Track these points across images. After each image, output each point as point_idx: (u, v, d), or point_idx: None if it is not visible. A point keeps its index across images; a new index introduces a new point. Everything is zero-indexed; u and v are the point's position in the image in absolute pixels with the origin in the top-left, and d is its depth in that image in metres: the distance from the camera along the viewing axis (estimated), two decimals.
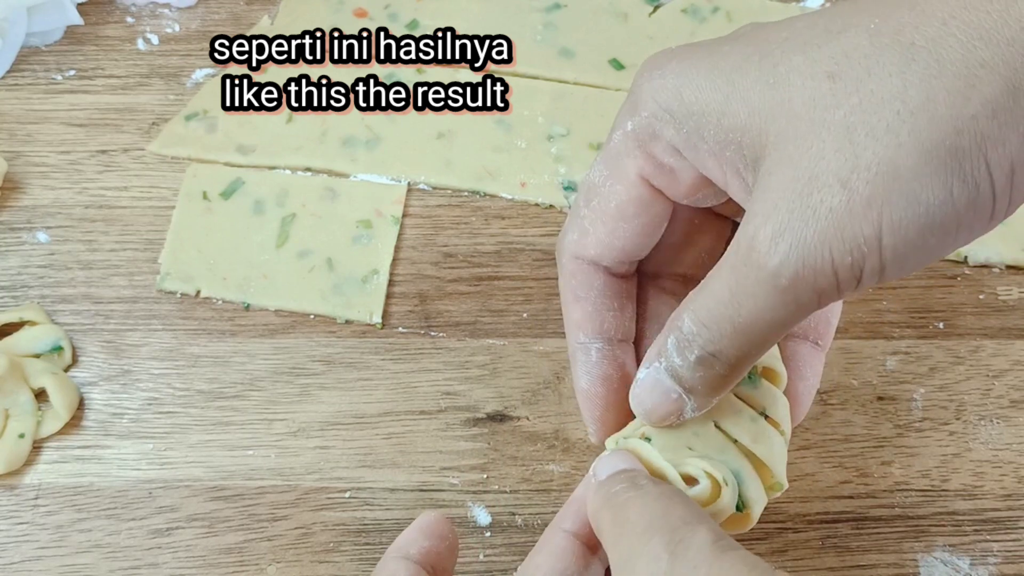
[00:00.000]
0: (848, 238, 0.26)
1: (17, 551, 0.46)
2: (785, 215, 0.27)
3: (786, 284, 0.27)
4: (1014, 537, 0.46)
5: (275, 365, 0.51)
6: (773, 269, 0.27)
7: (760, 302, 0.28)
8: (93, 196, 0.56)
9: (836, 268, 0.27)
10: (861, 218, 0.26)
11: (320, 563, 0.45)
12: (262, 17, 0.63)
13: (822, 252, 0.27)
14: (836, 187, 0.26)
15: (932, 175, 0.25)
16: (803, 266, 0.27)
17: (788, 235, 0.27)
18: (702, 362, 0.30)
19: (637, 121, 0.32)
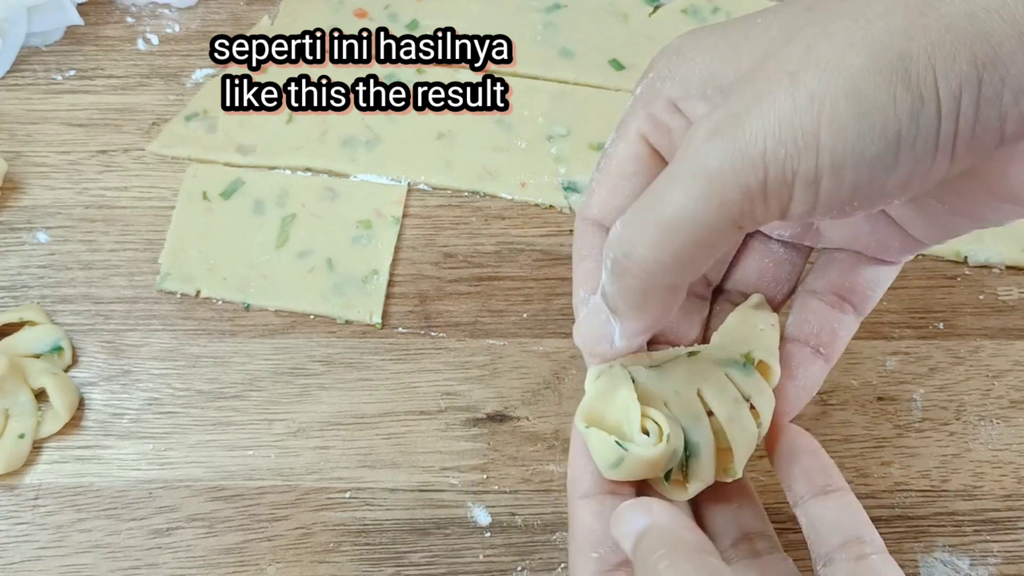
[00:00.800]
0: (786, 128, 0.26)
1: (17, 551, 0.46)
2: (733, 106, 0.27)
3: (713, 170, 0.27)
4: (1014, 538, 0.46)
5: (275, 365, 0.51)
6: (704, 154, 0.27)
7: (685, 191, 0.27)
8: (93, 196, 0.56)
9: (767, 161, 0.26)
10: (803, 110, 0.26)
11: (320, 563, 0.45)
12: (262, 17, 0.63)
13: (756, 141, 0.26)
14: (785, 81, 0.26)
15: (878, 75, 0.25)
16: (734, 152, 0.26)
17: (729, 125, 0.26)
18: (616, 267, 0.30)
19: (644, 84, 0.33)
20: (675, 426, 0.33)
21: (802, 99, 0.26)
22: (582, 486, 0.34)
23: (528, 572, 0.45)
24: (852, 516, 0.34)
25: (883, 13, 0.25)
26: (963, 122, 0.25)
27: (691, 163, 0.27)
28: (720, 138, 0.27)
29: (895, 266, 0.37)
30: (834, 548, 0.34)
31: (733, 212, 0.27)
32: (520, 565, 0.45)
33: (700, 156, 0.27)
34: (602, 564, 0.33)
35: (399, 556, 0.46)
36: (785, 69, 0.26)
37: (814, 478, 0.35)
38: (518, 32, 0.62)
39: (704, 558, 0.29)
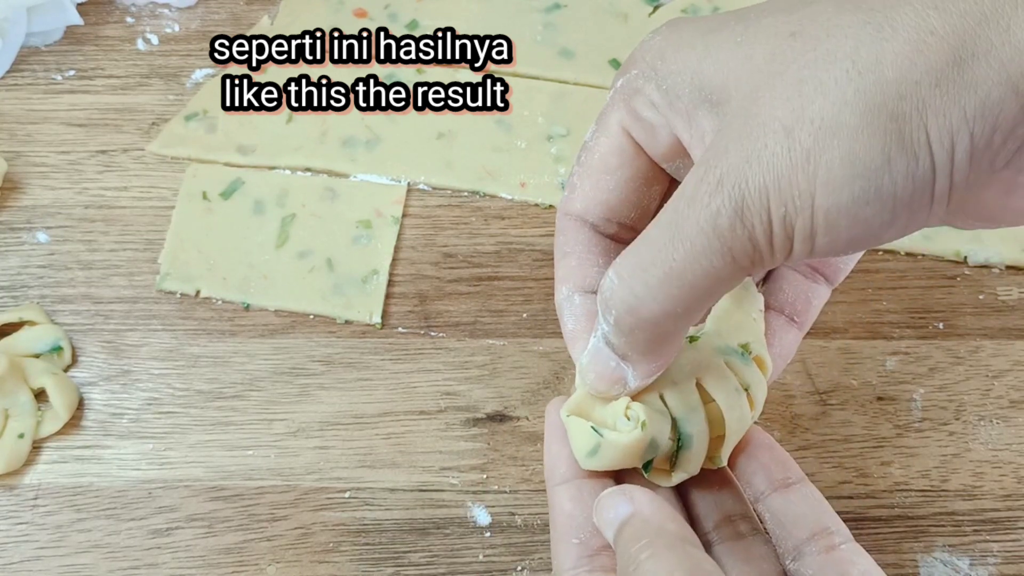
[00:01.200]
0: (784, 187, 0.26)
1: (17, 551, 0.46)
2: (733, 158, 0.27)
3: (725, 224, 0.27)
4: (1013, 537, 0.46)
5: (275, 365, 0.51)
6: (714, 210, 0.27)
7: (696, 246, 0.27)
8: (93, 196, 0.56)
9: (771, 219, 0.26)
10: (799, 169, 0.26)
11: (320, 563, 0.45)
12: (262, 17, 0.63)
13: (760, 198, 0.26)
14: (781, 134, 0.26)
15: (872, 136, 0.25)
16: (743, 208, 0.26)
17: (732, 176, 0.27)
18: (620, 323, 0.30)
19: (626, 79, 0.33)
20: (659, 418, 0.33)
21: (798, 157, 0.26)
22: (559, 472, 0.34)
23: (528, 572, 0.45)
24: (816, 507, 0.34)
25: (873, 65, 0.25)
26: (958, 175, 0.26)
27: (700, 211, 0.27)
28: (728, 185, 0.27)
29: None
30: (802, 541, 0.34)
31: (744, 265, 0.28)
32: (520, 565, 0.45)
33: (711, 208, 0.27)
34: (584, 549, 0.33)
35: (399, 556, 0.46)
36: (780, 121, 0.26)
37: (773, 472, 0.35)
38: (518, 32, 0.62)
39: (686, 549, 0.29)
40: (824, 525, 0.34)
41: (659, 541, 0.29)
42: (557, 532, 0.33)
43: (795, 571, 0.34)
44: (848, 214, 0.26)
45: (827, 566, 0.33)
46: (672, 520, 0.31)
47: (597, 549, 0.33)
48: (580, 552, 0.33)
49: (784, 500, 0.34)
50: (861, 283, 0.53)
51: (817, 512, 0.34)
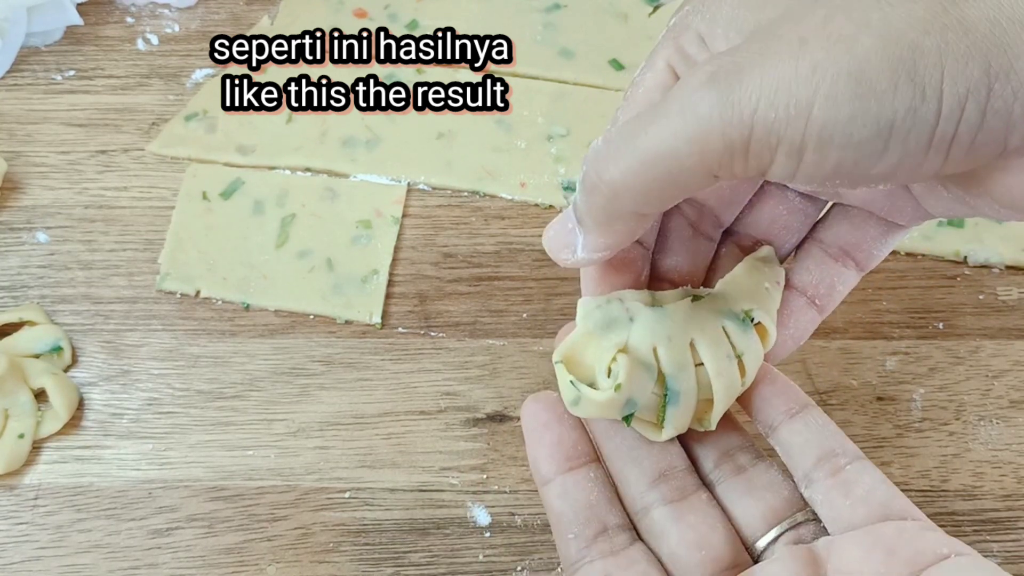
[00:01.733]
0: (781, 93, 0.26)
1: (17, 551, 0.46)
2: (737, 56, 0.27)
3: (702, 116, 0.26)
4: (1013, 537, 0.46)
5: (275, 365, 0.51)
6: (696, 97, 0.27)
7: (670, 129, 0.27)
8: (93, 196, 0.56)
9: (755, 121, 0.26)
10: (803, 80, 0.25)
11: (320, 563, 0.45)
12: (262, 17, 0.63)
13: (750, 99, 0.26)
14: (794, 44, 0.26)
15: (884, 61, 0.25)
16: (725, 104, 0.26)
17: (728, 69, 0.26)
18: (587, 182, 0.30)
19: (678, 17, 0.32)
20: (641, 374, 0.33)
21: (804, 68, 0.25)
22: (541, 472, 0.34)
23: (528, 572, 0.45)
24: (821, 431, 0.34)
25: (905, 1, 0.25)
26: (964, 128, 0.25)
27: (681, 103, 0.27)
28: (715, 86, 0.26)
29: (905, 229, 0.36)
30: (810, 468, 0.34)
31: (711, 162, 0.27)
32: (520, 565, 0.45)
33: (692, 98, 0.27)
34: (580, 542, 0.33)
35: (399, 556, 0.46)
36: (797, 33, 0.26)
37: (776, 403, 0.35)
38: (518, 32, 0.62)
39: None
40: (829, 448, 0.34)
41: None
42: (555, 531, 0.34)
43: (809, 497, 0.34)
44: (842, 132, 0.25)
45: (833, 489, 0.33)
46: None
47: (592, 538, 0.33)
48: (578, 545, 0.33)
49: (789, 430, 0.34)
50: (861, 283, 0.53)
51: (822, 436, 0.34)
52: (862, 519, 0.32)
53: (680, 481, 0.35)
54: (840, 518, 0.33)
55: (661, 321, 0.33)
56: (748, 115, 0.26)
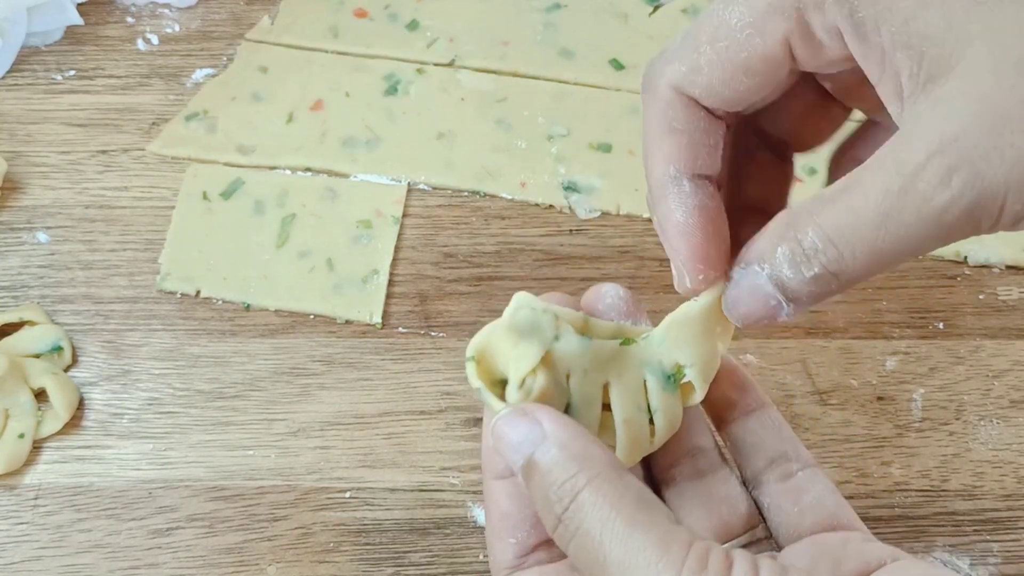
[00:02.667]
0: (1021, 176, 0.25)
1: (17, 551, 0.46)
2: (966, 151, 0.25)
3: (951, 221, 0.26)
4: (1014, 537, 0.46)
5: (275, 365, 0.51)
6: (942, 205, 0.26)
7: (913, 232, 0.27)
8: (93, 196, 0.56)
9: (1003, 212, 0.26)
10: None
11: (320, 563, 0.45)
12: (262, 17, 0.63)
13: (998, 196, 0.25)
14: (1018, 122, 0.25)
15: None
16: (976, 206, 0.26)
17: (966, 172, 0.25)
18: (819, 279, 0.29)
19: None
20: (556, 393, 0.31)
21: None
22: (497, 467, 0.32)
23: None
24: (775, 433, 0.34)
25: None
26: None
27: (924, 203, 0.26)
28: (960, 182, 0.25)
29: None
30: (760, 470, 0.33)
31: (957, 240, 0.27)
32: None
33: (937, 203, 0.26)
34: (520, 548, 0.32)
35: (399, 556, 0.46)
36: (1005, 107, 0.25)
37: (732, 398, 0.34)
38: (518, 32, 0.62)
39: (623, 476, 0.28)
40: (782, 451, 0.33)
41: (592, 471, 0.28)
42: (493, 528, 0.32)
43: (756, 498, 0.33)
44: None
45: (782, 494, 0.33)
46: (597, 444, 0.29)
47: (532, 547, 0.32)
48: (517, 552, 0.32)
49: (743, 427, 0.34)
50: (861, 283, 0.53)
51: (776, 439, 0.33)
52: (809, 527, 0.32)
53: None
54: (786, 524, 0.33)
55: (583, 352, 0.31)
56: (997, 208, 0.26)
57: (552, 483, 0.28)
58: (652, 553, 0.26)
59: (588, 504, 0.27)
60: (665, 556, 0.26)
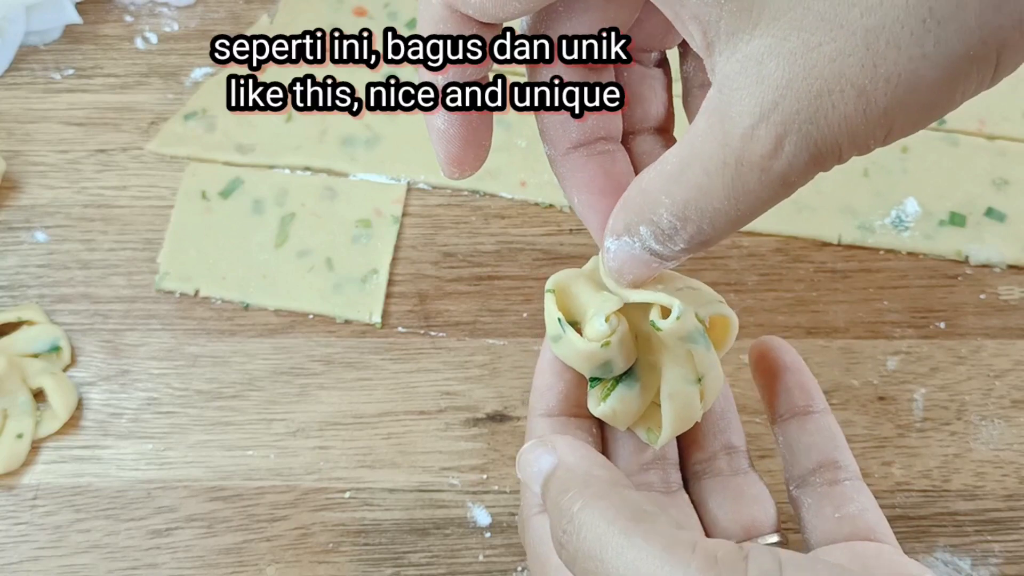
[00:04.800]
0: (860, 143, 0.25)
1: (15, 551, 0.46)
2: (790, 117, 0.25)
3: (795, 179, 0.26)
4: (1015, 537, 0.46)
5: (274, 365, 0.51)
6: (780, 171, 0.26)
7: (764, 194, 0.27)
8: (92, 195, 0.56)
9: (843, 155, 0.26)
10: (875, 126, 0.25)
11: (319, 563, 0.45)
12: (261, 16, 0.63)
13: (833, 151, 0.26)
14: (851, 95, 0.25)
15: (950, 83, 0.25)
16: (812, 164, 0.26)
17: (795, 137, 0.25)
18: (689, 248, 0.29)
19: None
20: (628, 344, 0.32)
21: (874, 116, 0.25)
22: (547, 403, 0.34)
23: (528, 572, 0.45)
24: (830, 440, 0.34)
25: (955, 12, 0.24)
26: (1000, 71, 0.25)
27: (763, 172, 0.26)
28: (792, 146, 0.26)
29: None
30: (808, 471, 0.34)
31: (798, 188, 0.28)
32: (520, 565, 0.45)
33: (776, 170, 0.26)
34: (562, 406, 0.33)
35: (399, 556, 0.46)
36: (849, 80, 0.25)
37: (795, 398, 0.35)
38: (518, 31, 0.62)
39: (620, 492, 0.29)
40: (833, 459, 0.34)
41: (589, 489, 0.29)
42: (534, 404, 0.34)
43: (796, 497, 0.34)
44: (911, 132, 0.26)
45: (826, 498, 0.33)
46: (600, 466, 0.30)
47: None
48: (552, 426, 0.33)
49: (799, 427, 0.34)
50: (862, 283, 0.53)
51: (830, 445, 0.34)
52: (845, 535, 0.33)
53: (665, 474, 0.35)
54: (822, 527, 0.33)
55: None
56: (834, 160, 0.26)
57: (554, 506, 0.29)
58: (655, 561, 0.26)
59: (585, 524, 0.28)
60: (669, 560, 0.26)
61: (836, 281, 0.53)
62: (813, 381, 0.35)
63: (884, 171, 0.57)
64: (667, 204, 0.28)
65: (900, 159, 0.57)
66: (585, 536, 0.28)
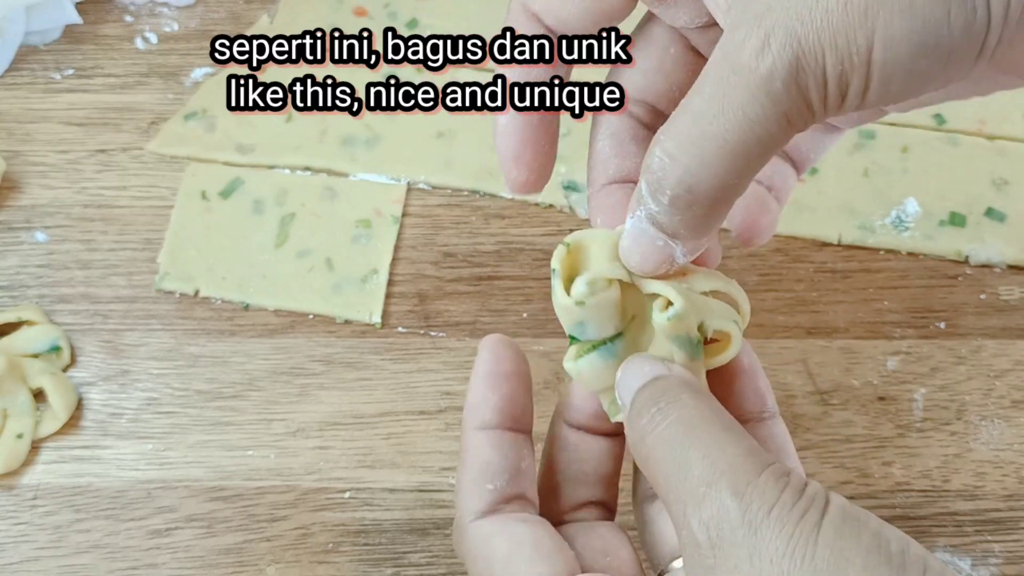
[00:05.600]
0: (841, 45, 0.25)
1: (15, 552, 0.46)
2: (780, 15, 0.25)
3: (780, 88, 0.26)
4: (1015, 538, 0.46)
5: (274, 365, 0.51)
6: (765, 73, 0.26)
7: (750, 115, 0.26)
8: (92, 195, 0.56)
9: (827, 77, 0.26)
10: (857, 26, 0.25)
11: (319, 564, 0.45)
12: (261, 16, 0.63)
13: (816, 55, 0.25)
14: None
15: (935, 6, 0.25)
16: (797, 69, 0.26)
17: (781, 34, 0.25)
18: (676, 203, 0.28)
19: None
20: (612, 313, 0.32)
21: (855, 12, 0.25)
22: (484, 416, 0.33)
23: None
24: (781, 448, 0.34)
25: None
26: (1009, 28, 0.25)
27: (750, 75, 0.26)
28: (777, 44, 0.26)
29: (842, 132, 0.36)
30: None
31: (797, 124, 0.27)
32: None
33: (761, 72, 0.26)
34: (498, 496, 0.32)
35: (399, 556, 0.46)
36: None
37: (749, 403, 0.34)
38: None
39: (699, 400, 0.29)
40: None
41: (697, 391, 0.29)
42: (469, 476, 0.32)
43: None
44: (904, 68, 0.25)
45: None
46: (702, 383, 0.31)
47: (509, 497, 0.32)
48: (494, 499, 0.32)
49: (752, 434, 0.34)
50: (862, 283, 0.53)
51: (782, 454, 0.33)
52: None
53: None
54: None
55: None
56: (820, 73, 0.26)
57: (660, 395, 0.29)
58: (737, 457, 0.27)
59: (690, 403, 0.28)
60: (748, 460, 0.27)
61: (836, 281, 0.53)
62: (767, 383, 0.35)
63: (884, 171, 0.57)
64: (660, 142, 0.28)
65: (900, 159, 0.57)
66: (686, 409, 0.28)
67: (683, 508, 0.27)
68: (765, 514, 0.25)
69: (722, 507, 0.26)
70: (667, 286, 0.31)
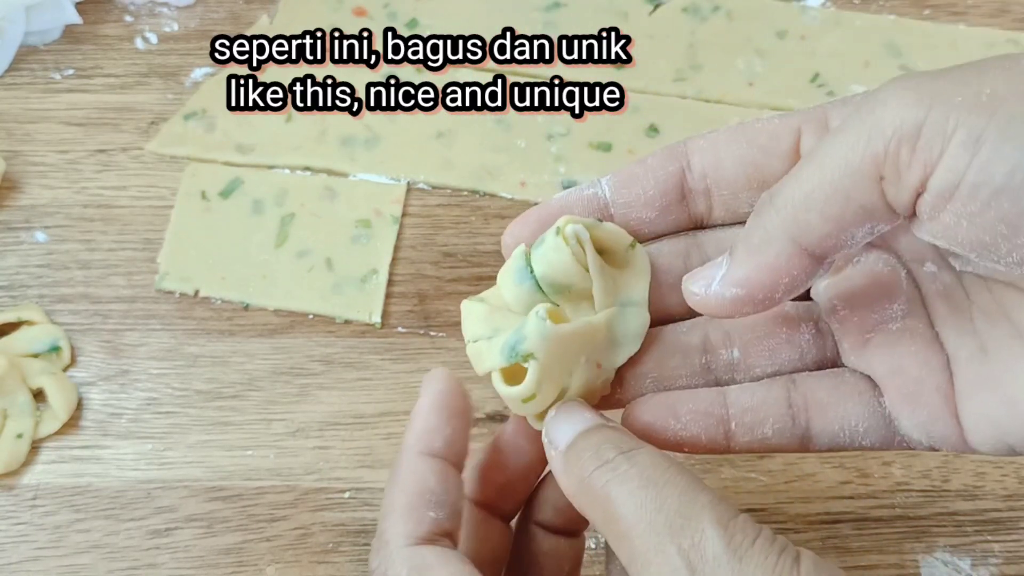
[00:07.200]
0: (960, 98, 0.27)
1: (15, 552, 0.46)
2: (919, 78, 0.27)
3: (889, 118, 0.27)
4: (1015, 537, 0.46)
5: (274, 365, 0.51)
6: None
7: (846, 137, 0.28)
8: (91, 195, 0.56)
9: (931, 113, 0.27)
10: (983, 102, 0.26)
11: (319, 564, 0.45)
12: (261, 16, 0.63)
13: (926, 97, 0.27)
14: (972, 71, 0.27)
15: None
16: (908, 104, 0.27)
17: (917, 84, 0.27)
18: (758, 207, 0.30)
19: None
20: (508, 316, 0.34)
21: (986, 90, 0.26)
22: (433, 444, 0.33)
23: None
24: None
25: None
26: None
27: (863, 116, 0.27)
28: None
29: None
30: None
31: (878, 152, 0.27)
32: None
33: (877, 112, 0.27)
34: (436, 527, 0.31)
35: None
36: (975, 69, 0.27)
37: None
38: (518, 31, 0.62)
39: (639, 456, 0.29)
40: None
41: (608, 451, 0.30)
42: (408, 498, 0.32)
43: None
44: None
45: None
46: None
47: (446, 531, 0.32)
48: (432, 529, 0.31)
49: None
50: None
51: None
52: None
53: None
54: None
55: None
56: (925, 109, 0.26)
57: (610, 440, 0.30)
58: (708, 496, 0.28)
59: (646, 460, 0.29)
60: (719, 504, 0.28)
61: None
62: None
63: None
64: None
65: None
66: (645, 466, 0.29)
67: (655, 539, 0.27)
68: (750, 544, 0.27)
69: (704, 536, 0.27)
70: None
